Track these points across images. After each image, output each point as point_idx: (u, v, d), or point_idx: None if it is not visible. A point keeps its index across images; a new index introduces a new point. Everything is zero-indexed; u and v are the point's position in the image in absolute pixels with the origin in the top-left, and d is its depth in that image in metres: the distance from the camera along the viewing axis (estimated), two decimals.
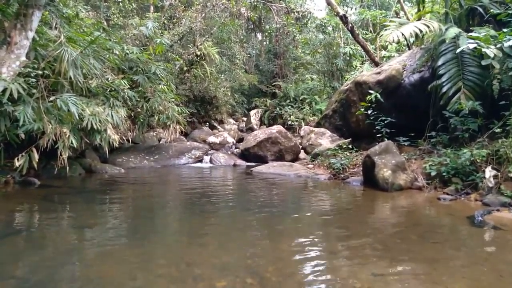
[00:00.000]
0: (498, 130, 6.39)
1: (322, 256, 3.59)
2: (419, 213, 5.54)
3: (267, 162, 10.40)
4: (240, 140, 13.80)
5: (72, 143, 6.66)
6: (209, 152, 11.73)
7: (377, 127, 8.92)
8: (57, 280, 2.92)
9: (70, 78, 6.58)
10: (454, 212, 5.35)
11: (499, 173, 5.97)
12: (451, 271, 3.22)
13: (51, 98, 6.42)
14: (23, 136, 6.27)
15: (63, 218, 5.04)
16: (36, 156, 6.38)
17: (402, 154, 7.99)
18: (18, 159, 6.25)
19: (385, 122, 8.84)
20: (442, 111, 7.58)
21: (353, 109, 10.02)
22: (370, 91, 9.22)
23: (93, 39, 7.49)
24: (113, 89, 8.63)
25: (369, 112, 9.11)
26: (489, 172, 5.92)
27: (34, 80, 6.25)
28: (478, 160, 6.36)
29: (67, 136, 6.64)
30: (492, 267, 3.35)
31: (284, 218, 5.07)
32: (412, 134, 8.58)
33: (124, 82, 8.85)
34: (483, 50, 6.22)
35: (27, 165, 6.40)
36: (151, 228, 4.50)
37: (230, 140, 13.01)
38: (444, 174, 6.74)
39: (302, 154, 11.59)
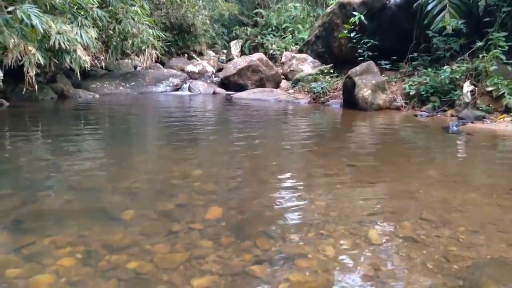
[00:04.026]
0: (480, 44, 6.31)
1: (299, 154, 3.60)
2: (395, 126, 5.61)
3: None
4: (220, 70, 13.36)
5: (39, 60, 6.25)
6: (188, 80, 11.37)
7: (359, 51, 8.74)
8: (29, 170, 2.84)
9: None
10: (429, 125, 5.44)
11: (476, 88, 6.02)
12: (421, 162, 3.29)
13: (10, 9, 5.88)
14: None
15: (37, 131, 4.86)
16: (0, 73, 5.99)
17: (383, 75, 7.93)
18: None
19: (368, 45, 8.64)
20: (426, 31, 7.44)
21: (336, 33, 9.71)
22: (354, 13, 8.88)
23: None
24: (80, 6, 7.99)
25: (352, 35, 8.86)
26: (467, 87, 5.95)
27: None
28: (457, 77, 6.37)
29: (32, 53, 6.21)
30: (460, 159, 3.45)
31: (263, 131, 5.05)
32: (394, 58, 8.46)
33: (93, 0, 8.18)
34: None
35: None
36: (128, 138, 4.40)
37: (210, 69, 12.59)
38: (423, 93, 6.77)
39: (283, 83, 11.37)
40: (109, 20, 8.78)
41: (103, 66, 9.79)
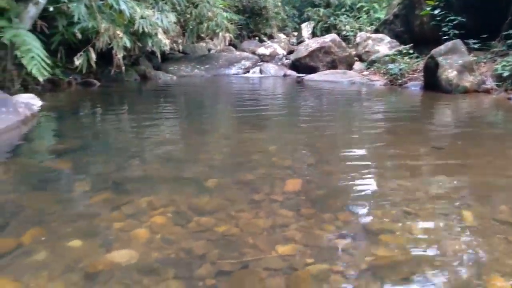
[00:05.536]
0: None
1: (378, 135, 3.46)
2: (485, 110, 5.12)
3: None
4: (291, 52, 13.23)
5: (125, 43, 6.75)
6: (259, 63, 11.46)
7: (444, 29, 8.03)
8: (120, 141, 3.11)
9: None
10: None
11: None
12: None
13: None
14: (79, 35, 6.43)
15: (125, 108, 5.29)
16: (93, 56, 6.58)
17: (471, 55, 7.22)
18: (77, 58, 6.50)
19: (454, 22, 7.90)
20: None
21: (418, 11, 9.03)
22: None
23: None
24: None
25: (436, 12, 8.16)
26: None
27: None
28: None
29: (120, 36, 6.73)
30: None
31: (337, 112, 4.93)
32: (485, 36, 7.63)
33: None
34: None
35: (86, 65, 6.65)
36: (205, 116, 4.58)
37: (281, 51, 12.54)
38: None
39: (356, 65, 10.92)
40: (186, 5, 9.16)
41: (180, 49, 10.25)
